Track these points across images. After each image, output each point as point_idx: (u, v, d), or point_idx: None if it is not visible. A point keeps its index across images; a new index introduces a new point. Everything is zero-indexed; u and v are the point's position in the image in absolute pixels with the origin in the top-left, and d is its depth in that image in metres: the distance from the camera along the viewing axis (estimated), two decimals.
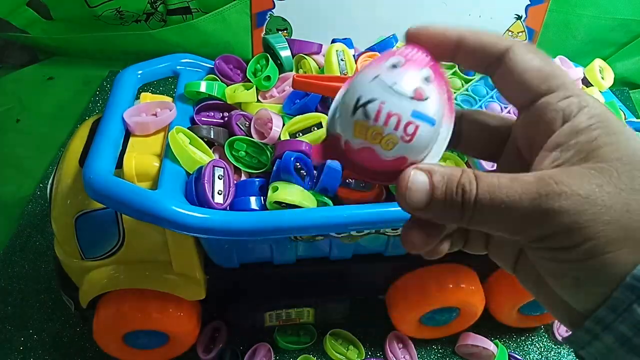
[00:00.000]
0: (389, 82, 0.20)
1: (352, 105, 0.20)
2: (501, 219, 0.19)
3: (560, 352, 0.57)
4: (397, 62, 0.20)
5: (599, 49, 0.90)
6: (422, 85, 0.20)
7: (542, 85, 0.20)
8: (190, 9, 0.89)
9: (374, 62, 0.21)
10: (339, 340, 0.56)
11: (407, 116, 0.19)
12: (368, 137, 0.20)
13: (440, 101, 0.21)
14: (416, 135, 0.20)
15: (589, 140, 0.19)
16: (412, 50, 0.21)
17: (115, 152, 0.43)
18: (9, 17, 0.88)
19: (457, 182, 0.19)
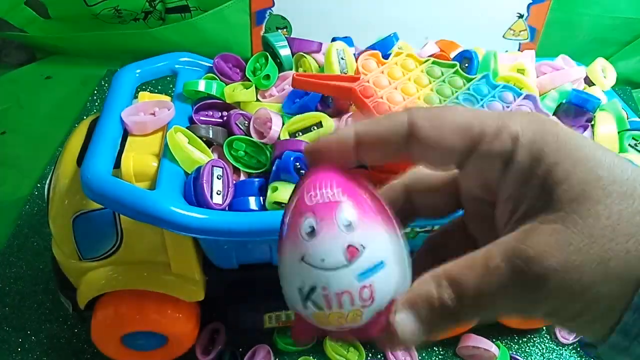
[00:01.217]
0: (317, 261, 0.18)
1: (297, 297, 0.19)
2: (495, 313, 0.18)
3: (562, 353, 0.57)
4: (311, 227, 0.19)
5: (602, 48, 0.89)
6: (348, 238, 0.18)
7: (464, 141, 0.19)
8: (189, 8, 0.88)
9: (290, 224, 0.19)
10: (339, 342, 0.55)
11: (355, 285, 0.18)
12: (332, 322, 0.19)
13: (376, 228, 0.19)
14: (375, 292, 0.18)
15: (539, 183, 0.18)
16: (318, 190, 0.19)
17: (113, 152, 0.42)
18: (7, 15, 0.88)
19: (438, 303, 0.18)
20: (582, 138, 0.18)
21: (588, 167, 0.17)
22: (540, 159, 0.18)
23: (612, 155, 0.18)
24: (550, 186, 0.17)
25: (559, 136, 0.18)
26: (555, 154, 0.18)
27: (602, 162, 0.17)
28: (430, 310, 0.18)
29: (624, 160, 0.18)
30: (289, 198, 0.21)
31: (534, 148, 0.18)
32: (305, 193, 0.19)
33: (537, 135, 0.18)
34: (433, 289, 0.18)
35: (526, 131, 0.18)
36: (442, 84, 0.47)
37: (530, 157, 0.18)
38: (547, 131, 0.18)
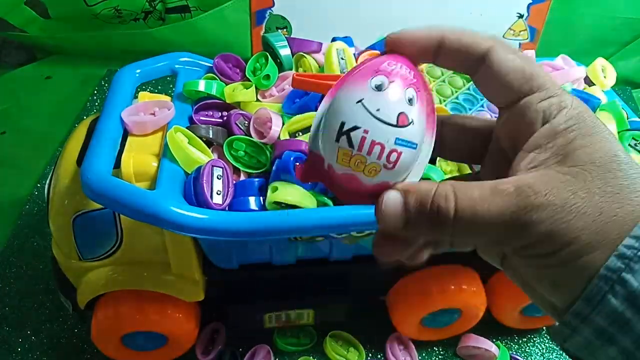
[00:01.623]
0: (373, 108, 0.20)
1: (335, 130, 0.20)
2: (483, 232, 0.19)
3: (562, 353, 0.57)
4: (381, 83, 0.20)
5: (602, 48, 0.89)
6: (406, 109, 0.20)
7: (523, 86, 0.21)
8: (189, 8, 0.88)
9: (359, 73, 0.21)
10: (339, 342, 0.55)
11: (390, 144, 0.20)
12: (351, 164, 0.20)
13: (423, 121, 0.21)
14: (399, 162, 0.20)
15: (565, 142, 0.20)
16: (396, 65, 0.21)
17: (113, 152, 0.42)
18: (7, 15, 0.88)
19: (431, 199, 0.19)
20: (609, 131, 0.21)
21: (610, 146, 0.19)
22: (573, 129, 0.20)
23: (626, 152, 0.20)
24: (573, 146, 0.19)
25: (594, 121, 0.20)
26: (586, 129, 0.20)
27: (621, 148, 0.20)
28: (420, 203, 0.20)
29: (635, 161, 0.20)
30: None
31: (571, 121, 0.20)
32: (383, 62, 0.21)
33: (579, 115, 0.20)
34: (433, 188, 0.20)
35: (572, 107, 0.20)
36: (442, 84, 0.47)
37: (566, 124, 0.20)
38: (587, 115, 0.20)
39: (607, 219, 0.18)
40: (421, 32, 0.22)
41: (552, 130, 0.20)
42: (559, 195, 0.18)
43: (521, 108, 0.21)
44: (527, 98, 0.21)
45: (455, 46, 0.21)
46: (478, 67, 0.21)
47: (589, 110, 0.21)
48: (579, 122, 0.20)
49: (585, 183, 0.19)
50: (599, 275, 0.18)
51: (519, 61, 0.21)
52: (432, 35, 0.21)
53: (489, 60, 0.21)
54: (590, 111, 0.21)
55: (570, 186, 0.19)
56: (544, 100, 0.20)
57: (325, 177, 0.21)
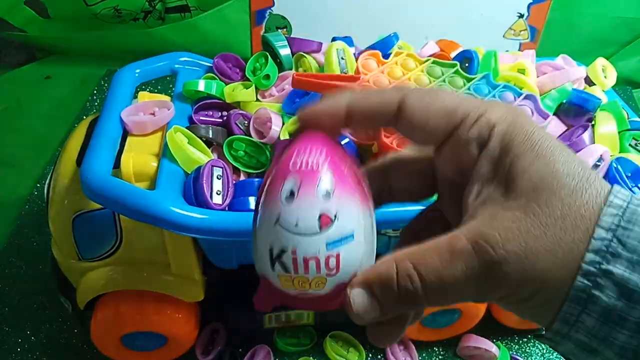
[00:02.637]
0: (292, 225, 0.19)
1: (267, 258, 0.19)
2: (457, 297, 0.19)
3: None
4: (291, 189, 0.19)
5: (602, 48, 0.89)
6: (324, 207, 0.19)
7: (449, 123, 0.20)
8: (188, 7, 0.88)
9: (271, 183, 0.20)
10: (339, 342, 0.55)
11: (323, 253, 0.19)
12: (296, 286, 0.20)
13: (351, 203, 0.20)
14: (340, 263, 0.19)
15: (504, 170, 0.19)
16: (304, 154, 0.20)
17: (113, 152, 0.42)
18: (7, 15, 0.87)
19: (395, 284, 0.19)
20: (547, 134, 0.20)
21: (547, 161, 0.19)
22: (509, 150, 0.19)
23: (568, 151, 0.19)
24: (513, 175, 0.19)
25: (527, 130, 0.19)
26: (521, 146, 0.19)
27: (559, 157, 0.19)
28: (386, 290, 0.19)
29: (577, 157, 0.19)
30: (271, 159, 0.22)
31: (505, 139, 0.19)
32: (291, 157, 0.20)
33: (510, 127, 0.19)
34: (393, 270, 0.19)
35: (501, 122, 0.20)
36: (442, 84, 0.47)
37: (500, 147, 0.19)
38: (519, 124, 0.19)
39: (567, 246, 0.18)
40: (326, 107, 0.21)
41: (489, 157, 0.19)
42: (516, 241, 0.18)
43: (454, 142, 0.20)
44: (456, 132, 0.20)
45: (364, 112, 0.21)
46: (397, 121, 0.21)
47: (521, 115, 0.20)
48: (512, 138, 0.19)
49: (535, 217, 0.18)
50: (570, 297, 0.18)
51: (436, 102, 0.20)
52: (336, 109, 0.21)
53: (405, 115, 0.20)
54: (522, 115, 0.20)
55: (523, 226, 0.18)
56: (471, 126, 0.20)
57: (283, 298, 0.21)
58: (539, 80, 0.52)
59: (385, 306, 0.19)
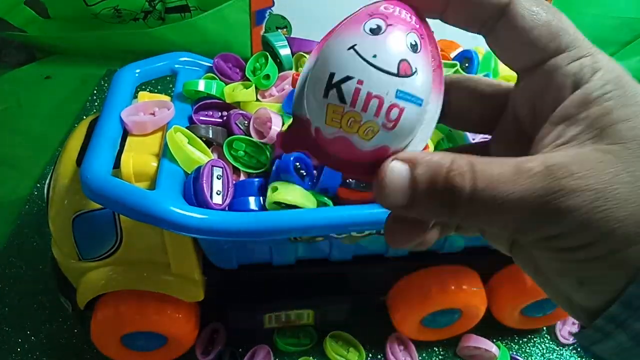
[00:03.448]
0: (368, 54, 0.16)
1: (323, 83, 0.17)
2: (500, 218, 0.16)
3: (563, 353, 0.57)
4: (378, 25, 0.17)
5: (602, 48, 0.87)
6: (408, 56, 0.17)
7: (549, 44, 0.17)
8: (188, 7, 0.88)
9: (350, 20, 0.18)
10: (339, 342, 0.55)
11: (390, 98, 0.16)
12: (343, 125, 0.17)
13: (429, 74, 0.18)
14: (400, 120, 0.17)
15: (602, 113, 0.16)
16: (395, 8, 0.18)
17: (113, 152, 0.42)
18: (7, 15, 0.87)
19: (444, 174, 0.16)
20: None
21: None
22: (610, 97, 0.17)
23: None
24: (612, 119, 0.16)
25: (635, 87, 0.17)
26: (625, 98, 0.17)
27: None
28: (430, 175, 0.16)
29: None
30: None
31: (607, 87, 0.17)
32: (381, 5, 0.18)
33: (615, 79, 0.17)
34: (447, 159, 0.16)
35: (608, 71, 0.17)
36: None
37: (602, 91, 0.17)
38: (626, 80, 0.17)
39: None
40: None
41: (584, 97, 0.17)
42: (598, 178, 0.15)
43: (546, 71, 0.18)
44: (554, 59, 0.17)
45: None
46: (494, 24, 0.18)
47: (628, 75, 0.17)
48: (617, 87, 0.17)
49: (628, 165, 0.15)
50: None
51: (544, 14, 0.17)
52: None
53: (508, 15, 0.17)
54: (629, 75, 0.17)
55: (611, 168, 0.15)
56: (574, 61, 0.17)
57: (312, 144, 0.18)
58: None
59: (419, 195, 0.16)
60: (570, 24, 0.18)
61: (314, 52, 0.19)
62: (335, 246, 0.46)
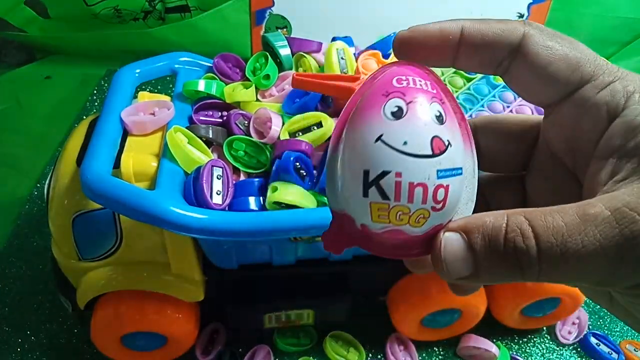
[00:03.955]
0: (398, 143, 0.16)
1: (359, 182, 0.16)
2: (577, 273, 0.15)
3: (563, 353, 0.57)
4: (398, 107, 0.16)
5: (602, 48, 0.89)
6: (437, 130, 0.16)
7: (571, 76, 0.17)
8: (188, 7, 0.88)
9: (366, 102, 0.17)
10: (339, 342, 0.55)
11: (432, 181, 0.16)
12: (392, 219, 0.16)
13: (459, 137, 0.17)
14: (448, 197, 0.16)
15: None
16: (408, 79, 0.17)
17: (113, 152, 0.42)
18: (7, 15, 0.87)
19: (503, 239, 0.15)
20: None
21: None
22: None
23: None
24: None
25: None
26: None
27: None
28: (489, 242, 0.15)
29: None
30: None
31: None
32: (392, 76, 0.17)
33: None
34: (502, 220, 0.15)
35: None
36: None
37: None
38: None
39: None
40: (434, 28, 0.18)
41: (627, 124, 0.16)
42: None
43: (575, 104, 0.17)
44: (580, 90, 0.17)
45: (478, 41, 0.17)
46: (510, 63, 0.17)
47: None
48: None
49: None
50: None
51: (561, 47, 0.17)
52: (448, 31, 0.17)
53: (523, 53, 0.17)
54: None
55: None
56: (603, 88, 0.16)
57: (361, 239, 0.17)
58: None
59: (482, 263, 0.15)
60: (590, 51, 0.17)
61: (333, 140, 0.18)
62: None
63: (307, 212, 0.40)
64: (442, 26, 0.18)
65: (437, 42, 0.18)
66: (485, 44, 0.17)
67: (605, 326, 0.60)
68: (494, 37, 0.17)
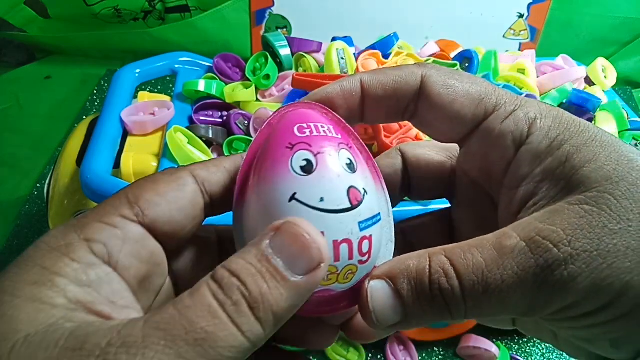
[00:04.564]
0: (315, 200, 0.15)
1: None
2: (503, 306, 0.15)
3: (563, 354, 0.57)
4: (307, 160, 0.15)
5: (602, 48, 0.89)
6: (351, 180, 0.15)
7: (476, 110, 0.17)
8: (188, 7, 0.88)
9: (268, 156, 0.15)
10: (339, 342, 0.55)
11: (356, 234, 0.15)
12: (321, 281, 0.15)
13: (370, 179, 0.16)
14: (372, 247, 0.15)
15: (559, 162, 0.15)
16: (310, 125, 0.16)
17: (113, 152, 0.42)
18: (7, 15, 0.87)
19: (428, 281, 0.15)
20: (600, 128, 0.17)
21: (617, 150, 0.15)
22: (561, 142, 0.16)
23: (630, 145, 0.16)
24: (575, 167, 0.15)
25: (579, 123, 0.16)
26: (577, 138, 0.16)
27: (626, 148, 0.16)
28: (415, 286, 0.15)
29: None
30: (255, 138, 0.17)
31: (552, 132, 0.16)
32: (294, 124, 0.16)
33: (556, 122, 0.16)
34: (425, 262, 0.15)
35: (544, 116, 0.16)
36: None
37: (548, 140, 0.16)
38: (566, 118, 0.16)
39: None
40: (337, 88, 0.17)
41: (532, 151, 0.16)
42: (586, 237, 0.14)
43: (482, 135, 0.17)
44: (485, 122, 0.17)
45: (380, 92, 0.17)
46: (415, 107, 0.17)
47: (564, 111, 0.17)
48: (562, 130, 0.16)
49: (611, 210, 0.14)
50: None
51: (461, 84, 0.17)
52: (349, 89, 0.17)
53: (425, 95, 0.17)
54: (566, 112, 0.17)
55: (596, 220, 0.14)
56: (506, 118, 0.17)
57: None
58: (539, 80, 0.52)
59: (411, 308, 0.15)
60: (490, 84, 0.17)
61: (238, 190, 0.16)
62: None
63: None
64: (342, 85, 0.17)
65: (341, 101, 0.17)
66: (387, 95, 0.17)
67: None
68: (394, 85, 0.17)
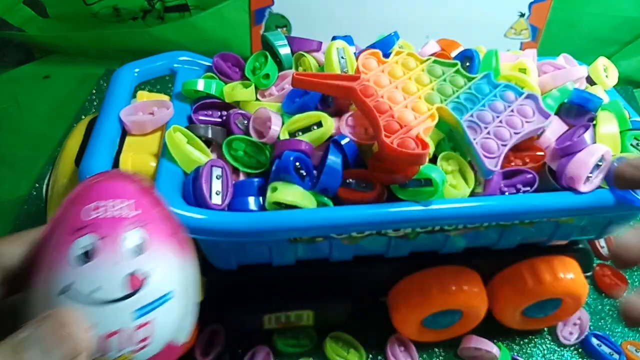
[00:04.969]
0: (88, 291, 0.14)
1: None
2: None
3: (564, 354, 0.57)
4: (90, 247, 0.14)
5: (603, 47, 0.89)
6: (135, 264, 0.15)
7: None
8: (188, 6, 0.88)
9: (51, 241, 0.14)
10: (339, 343, 0.55)
11: (130, 323, 0.14)
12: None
13: (169, 253, 0.16)
14: (154, 332, 0.15)
15: None
16: (105, 205, 0.15)
17: (112, 152, 0.42)
18: (5, 15, 0.87)
19: None
20: None
21: None
22: None
23: None
24: None
25: None
26: None
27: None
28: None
29: None
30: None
31: None
32: (83, 204, 0.15)
33: None
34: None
35: None
36: (443, 83, 0.46)
37: None
38: None
39: None
40: None
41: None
42: None
43: None
44: None
45: None
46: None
47: None
48: None
49: None
50: None
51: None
52: None
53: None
54: None
55: None
56: None
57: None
58: (540, 79, 0.52)
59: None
60: None
61: (27, 277, 0.15)
62: (335, 246, 0.46)
63: (307, 212, 0.39)
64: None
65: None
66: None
67: (607, 327, 0.60)
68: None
